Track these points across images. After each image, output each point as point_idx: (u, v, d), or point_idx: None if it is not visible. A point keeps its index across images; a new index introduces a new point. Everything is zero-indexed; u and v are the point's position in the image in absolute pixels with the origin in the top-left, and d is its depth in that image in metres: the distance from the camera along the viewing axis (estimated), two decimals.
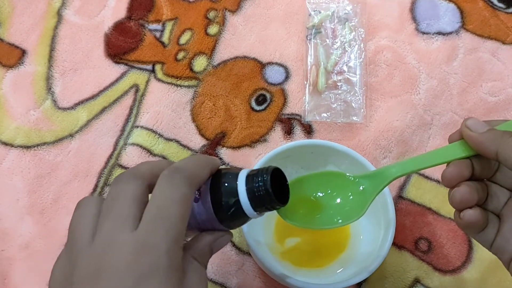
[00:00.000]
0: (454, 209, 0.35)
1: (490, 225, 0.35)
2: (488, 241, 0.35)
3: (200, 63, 0.56)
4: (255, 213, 0.32)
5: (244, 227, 0.41)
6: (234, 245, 0.48)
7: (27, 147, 0.53)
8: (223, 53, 0.57)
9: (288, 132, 0.53)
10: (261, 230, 0.45)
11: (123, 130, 0.53)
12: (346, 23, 0.57)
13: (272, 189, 0.31)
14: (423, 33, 0.57)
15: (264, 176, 0.32)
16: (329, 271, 0.44)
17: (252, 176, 0.32)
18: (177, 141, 0.52)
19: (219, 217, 0.32)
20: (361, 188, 0.38)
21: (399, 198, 0.50)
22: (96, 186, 0.51)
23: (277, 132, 0.53)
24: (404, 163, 0.37)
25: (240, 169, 0.33)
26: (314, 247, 0.45)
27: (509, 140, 0.33)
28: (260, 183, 0.31)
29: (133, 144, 0.52)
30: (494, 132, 0.34)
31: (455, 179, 0.35)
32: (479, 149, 0.34)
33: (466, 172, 0.35)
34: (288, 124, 0.53)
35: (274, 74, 0.56)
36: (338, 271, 0.44)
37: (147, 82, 0.55)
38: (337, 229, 0.46)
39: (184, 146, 0.52)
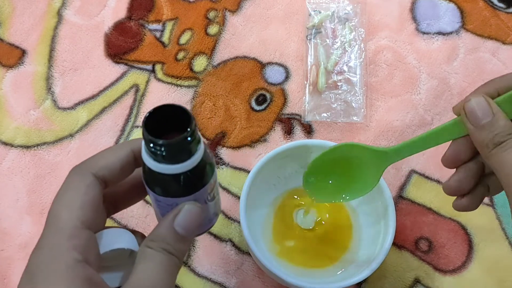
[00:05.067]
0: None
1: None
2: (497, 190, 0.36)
3: (200, 63, 0.56)
4: (158, 163, 0.28)
5: (244, 227, 0.41)
6: (233, 245, 0.48)
7: (27, 147, 0.53)
8: (223, 53, 0.57)
9: (288, 132, 0.53)
10: (261, 230, 0.45)
11: (123, 130, 0.53)
12: (346, 23, 0.57)
13: (151, 126, 0.27)
14: (423, 33, 0.57)
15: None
16: (329, 272, 0.44)
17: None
18: None
19: (150, 187, 0.29)
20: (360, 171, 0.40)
21: (399, 198, 0.50)
22: None
23: (277, 132, 0.53)
24: (406, 145, 0.37)
25: None
26: (315, 247, 0.45)
27: (498, 154, 0.31)
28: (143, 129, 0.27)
29: None
30: (491, 134, 0.31)
31: (454, 163, 0.35)
32: (477, 147, 0.33)
33: (464, 155, 0.35)
34: (288, 124, 0.53)
35: (274, 74, 0.56)
36: (338, 272, 0.44)
37: (147, 82, 0.55)
38: (337, 230, 0.46)
39: None
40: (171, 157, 0.27)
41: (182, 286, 0.46)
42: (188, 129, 0.27)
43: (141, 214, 0.49)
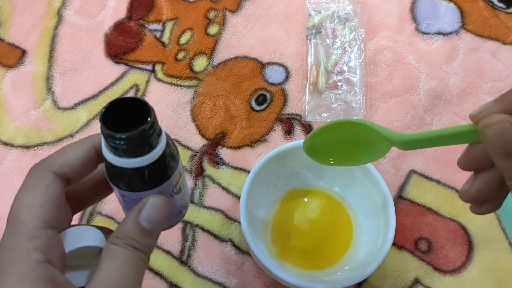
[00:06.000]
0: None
1: None
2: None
3: (200, 63, 0.56)
4: (118, 158, 0.27)
5: (244, 227, 0.41)
6: (234, 245, 0.48)
7: (27, 147, 0.53)
8: (223, 53, 0.57)
9: (288, 132, 0.53)
10: (261, 230, 0.45)
11: None
12: (346, 23, 0.57)
13: (108, 120, 0.26)
14: (423, 33, 0.57)
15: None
16: (329, 272, 0.44)
17: None
18: (177, 141, 0.52)
19: (113, 182, 0.29)
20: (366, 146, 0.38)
21: (399, 198, 0.50)
22: None
23: (277, 132, 0.53)
24: (410, 139, 0.33)
25: None
26: (315, 247, 0.45)
27: None
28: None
29: None
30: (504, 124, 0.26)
31: (472, 167, 0.31)
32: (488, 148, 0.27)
33: (484, 162, 0.30)
34: (288, 124, 0.53)
35: (274, 74, 0.56)
36: (338, 272, 0.44)
37: (147, 82, 0.55)
38: (338, 230, 0.46)
39: (184, 146, 0.52)
40: (132, 151, 0.27)
41: (182, 286, 0.46)
42: (147, 121, 0.26)
43: None
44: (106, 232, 0.31)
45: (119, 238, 0.28)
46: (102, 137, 0.27)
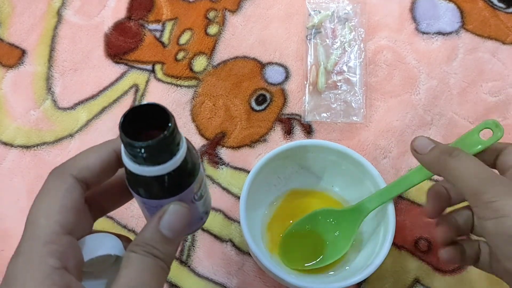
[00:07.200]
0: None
1: (482, 252, 0.38)
2: (486, 268, 0.38)
3: (200, 63, 0.56)
4: (138, 166, 0.26)
5: (244, 227, 0.41)
6: (234, 245, 0.48)
7: (27, 147, 0.53)
8: (223, 53, 0.57)
9: (288, 132, 0.53)
10: (261, 230, 0.45)
11: None
12: (346, 23, 0.57)
13: (127, 128, 0.26)
14: (423, 33, 0.57)
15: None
16: (329, 271, 0.44)
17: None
18: None
19: (133, 189, 0.28)
20: (337, 233, 0.45)
21: (399, 198, 0.50)
22: None
23: (277, 132, 0.53)
24: (379, 194, 0.42)
25: None
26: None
27: (447, 160, 0.34)
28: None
29: None
30: (435, 152, 0.35)
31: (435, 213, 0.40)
32: (429, 170, 0.36)
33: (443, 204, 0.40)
34: (288, 124, 0.53)
35: (274, 74, 0.56)
36: (338, 272, 0.44)
37: (147, 82, 0.55)
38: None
39: None
40: (152, 159, 0.26)
41: (182, 287, 0.46)
42: (167, 128, 0.25)
43: (141, 214, 0.49)
44: (125, 240, 0.31)
45: (139, 246, 0.27)
46: (122, 145, 0.27)
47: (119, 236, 0.30)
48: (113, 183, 0.31)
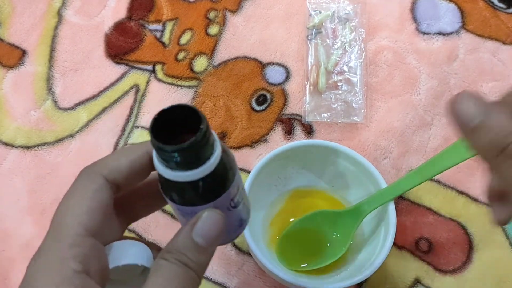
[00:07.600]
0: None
1: None
2: None
3: (200, 63, 0.56)
4: (171, 171, 0.25)
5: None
6: (234, 245, 0.48)
7: (28, 147, 0.53)
8: (223, 53, 0.57)
9: (289, 132, 0.53)
10: (261, 230, 0.45)
11: (123, 130, 0.53)
12: (347, 23, 0.57)
13: (158, 131, 0.25)
14: (424, 33, 0.57)
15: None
16: (330, 272, 0.44)
17: None
18: None
19: (166, 194, 0.27)
20: (335, 234, 0.45)
21: (399, 198, 0.50)
22: None
23: (278, 132, 0.53)
24: (379, 194, 0.42)
25: None
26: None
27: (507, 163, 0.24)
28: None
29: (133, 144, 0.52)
30: (492, 141, 0.25)
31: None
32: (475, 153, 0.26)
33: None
34: (289, 124, 0.53)
35: (274, 74, 0.56)
36: (338, 272, 0.44)
37: (148, 82, 0.55)
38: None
39: None
40: (184, 163, 0.25)
41: None
42: (199, 130, 0.24)
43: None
44: (156, 249, 0.29)
45: (169, 253, 0.26)
46: (153, 149, 0.25)
47: (149, 245, 0.29)
48: (146, 187, 0.30)
